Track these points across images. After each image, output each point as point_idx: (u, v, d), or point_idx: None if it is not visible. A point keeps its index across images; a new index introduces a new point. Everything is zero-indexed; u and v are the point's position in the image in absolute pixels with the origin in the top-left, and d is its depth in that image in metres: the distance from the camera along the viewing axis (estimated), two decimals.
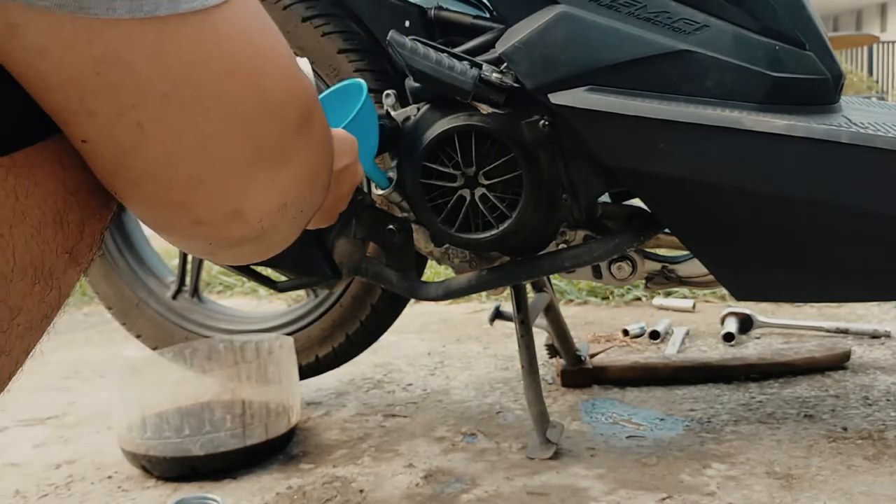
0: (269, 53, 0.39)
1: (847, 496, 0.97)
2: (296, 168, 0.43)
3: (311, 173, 0.45)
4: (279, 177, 0.41)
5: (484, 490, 1.04)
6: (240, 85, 0.37)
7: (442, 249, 1.14)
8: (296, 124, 0.41)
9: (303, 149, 0.43)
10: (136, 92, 0.33)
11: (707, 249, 1.03)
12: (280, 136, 0.40)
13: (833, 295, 1.12)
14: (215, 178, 0.38)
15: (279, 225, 0.44)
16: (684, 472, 1.07)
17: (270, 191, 0.41)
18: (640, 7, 0.96)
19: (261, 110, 0.39)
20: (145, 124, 0.34)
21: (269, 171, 0.40)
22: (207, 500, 1.01)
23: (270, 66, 0.39)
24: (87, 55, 0.32)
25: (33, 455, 1.27)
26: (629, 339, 1.78)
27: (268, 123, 0.39)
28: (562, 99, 0.97)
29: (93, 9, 0.31)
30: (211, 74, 0.35)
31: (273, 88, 0.39)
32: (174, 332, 1.46)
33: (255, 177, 0.40)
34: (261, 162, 0.39)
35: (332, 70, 1.20)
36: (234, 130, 0.37)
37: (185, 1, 0.33)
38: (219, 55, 0.36)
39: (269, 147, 0.40)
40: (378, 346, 1.49)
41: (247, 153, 0.39)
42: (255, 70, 0.38)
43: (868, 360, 1.54)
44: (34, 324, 0.37)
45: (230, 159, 0.38)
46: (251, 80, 0.38)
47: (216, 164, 0.38)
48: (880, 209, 0.94)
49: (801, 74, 0.97)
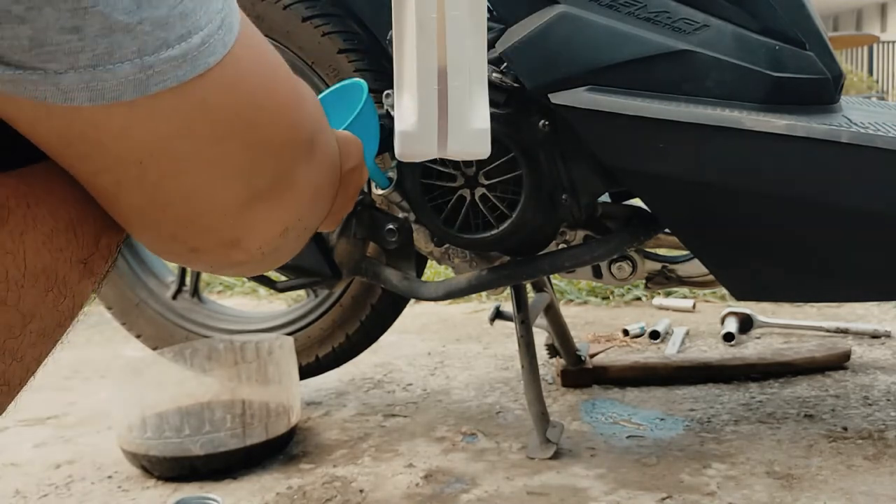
0: (265, 103, 0.36)
1: (847, 496, 0.97)
2: (298, 192, 0.41)
3: (314, 192, 0.43)
4: (279, 207, 0.39)
5: (484, 490, 1.04)
6: (231, 146, 0.34)
7: (442, 249, 1.14)
8: (297, 157, 0.39)
9: (305, 173, 0.41)
10: (107, 160, 0.32)
11: (707, 249, 1.03)
12: (279, 173, 0.38)
13: (833, 295, 1.12)
14: (207, 218, 0.37)
15: (281, 248, 0.43)
16: (684, 471, 1.07)
17: (269, 222, 0.40)
18: (640, 7, 0.96)
19: (256, 159, 0.36)
20: (123, 182, 0.33)
21: (268, 204, 0.38)
22: (207, 500, 1.01)
23: (268, 115, 0.36)
24: (52, 131, 0.30)
25: (33, 455, 1.27)
26: (629, 338, 1.78)
27: (265, 166, 0.37)
28: (562, 99, 0.97)
29: (49, 98, 0.28)
30: (194, 142, 0.33)
31: (271, 136, 0.36)
32: (174, 332, 1.46)
33: (252, 212, 0.38)
34: (258, 201, 0.38)
35: (333, 70, 1.20)
36: (226, 180, 0.35)
37: (157, 81, 0.30)
38: (204, 123, 0.33)
39: (267, 186, 0.38)
40: (378, 346, 1.49)
41: (242, 196, 0.37)
42: (249, 126, 0.35)
43: (868, 359, 1.54)
44: (47, 332, 0.36)
45: (222, 204, 0.36)
46: (245, 138, 0.35)
47: (206, 209, 0.36)
48: (880, 209, 0.94)
49: (801, 74, 0.97)
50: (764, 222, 0.98)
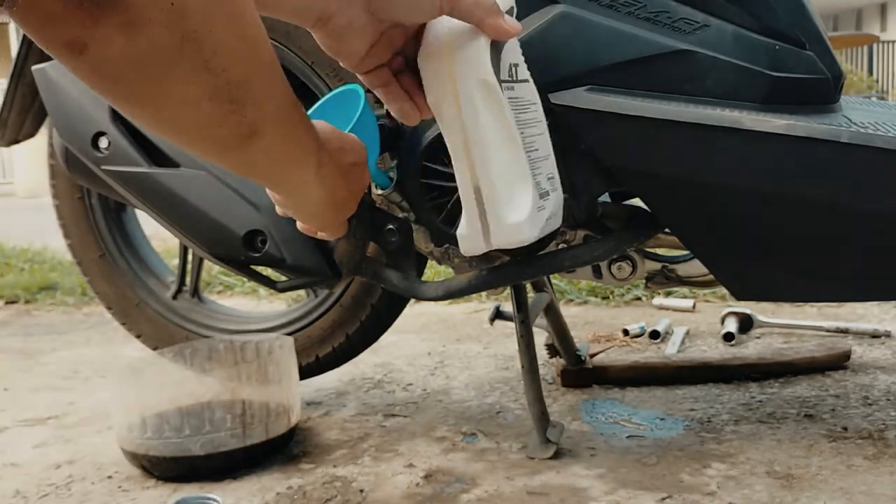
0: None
1: (847, 496, 0.97)
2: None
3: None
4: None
5: (484, 490, 1.04)
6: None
7: (442, 249, 1.14)
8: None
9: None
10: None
11: (707, 249, 1.03)
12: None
13: (833, 295, 1.12)
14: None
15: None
16: (684, 471, 1.07)
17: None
18: (640, 7, 0.96)
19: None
20: None
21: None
22: (208, 499, 1.01)
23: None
24: None
25: (33, 455, 1.27)
26: (629, 338, 1.78)
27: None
28: (562, 99, 0.97)
29: None
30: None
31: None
32: (174, 332, 1.46)
33: None
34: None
35: (333, 70, 1.20)
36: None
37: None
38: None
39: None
40: (378, 346, 1.49)
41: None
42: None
43: (868, 359, 1.54)
44: None
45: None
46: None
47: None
48: (880, 208, 0.94)
49: (801, 74, 0.97)
50: (763, 222, 0.98)
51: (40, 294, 2.67)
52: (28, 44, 1.30)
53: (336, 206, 0.75)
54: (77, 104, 1.16)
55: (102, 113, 1.17)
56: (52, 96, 1.18)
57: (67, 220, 1.47)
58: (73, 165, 1.22)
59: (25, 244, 3.67)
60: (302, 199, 0.72)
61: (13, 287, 2.74)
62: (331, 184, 0.71)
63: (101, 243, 1.47)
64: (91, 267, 1.48)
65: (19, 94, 1.35)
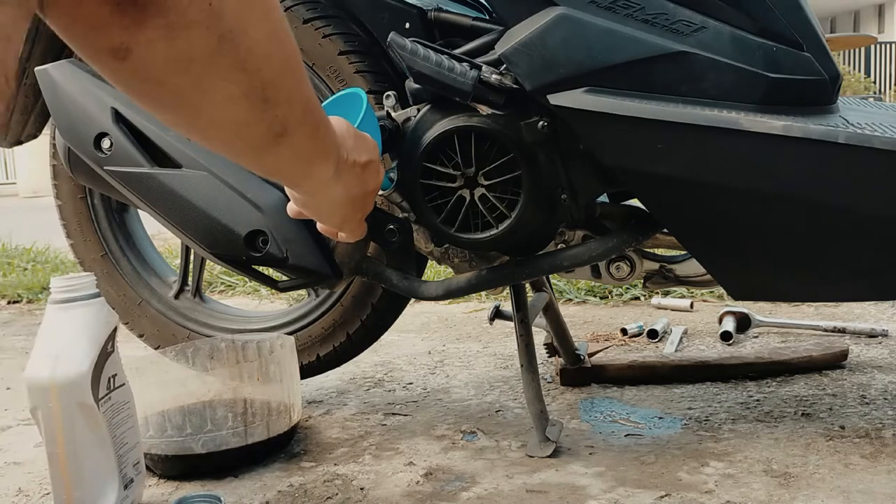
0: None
1: (844, 494, 0.98)
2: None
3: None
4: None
5: (483, 488, 1.05)
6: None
7: (442, 249, 1.15)
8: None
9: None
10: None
11: (705, 249, 1.04)
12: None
13: (830, 294, 1.13)
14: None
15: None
16: (682, 470, 1.07)
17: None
18: (639, 9, 0.97)
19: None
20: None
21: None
22: (209, 498, 1.02)
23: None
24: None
25: (36, 454, 1.28)
26: (627, 338, 1.79)
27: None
28: (561, 100, 0.98)
29: None
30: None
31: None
32: (176, 332, 1.47)
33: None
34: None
35: (333, 72, 1.21)
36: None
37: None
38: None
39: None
40: (379, 345, 1.49)
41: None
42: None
43: (865, 358, 1.55)
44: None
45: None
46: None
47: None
48: (877, 209, 0.95)
49: (798, 75, 0.97)
50: (761, 222, 0.99)
51: (43, 294, 2.68)
52: (31, 45, 1.31)
53: (354, 203, 0.77)
54: (79, 105, 1.17)
55: (105, 114, 1.17)
56: (54, 97, 1.18)
57: (70, 220, 1.47)
58: (76, 166, 1.23)
59: (28, 244, 3.68)
60: (322, 196, 0.74)
61: (16, 287, 2.75)
62: (348, 181, 0.73)
63: (104, 243, 1.47)
64: (93, 267, 1.48)
65: (22, 95, 1.36)
